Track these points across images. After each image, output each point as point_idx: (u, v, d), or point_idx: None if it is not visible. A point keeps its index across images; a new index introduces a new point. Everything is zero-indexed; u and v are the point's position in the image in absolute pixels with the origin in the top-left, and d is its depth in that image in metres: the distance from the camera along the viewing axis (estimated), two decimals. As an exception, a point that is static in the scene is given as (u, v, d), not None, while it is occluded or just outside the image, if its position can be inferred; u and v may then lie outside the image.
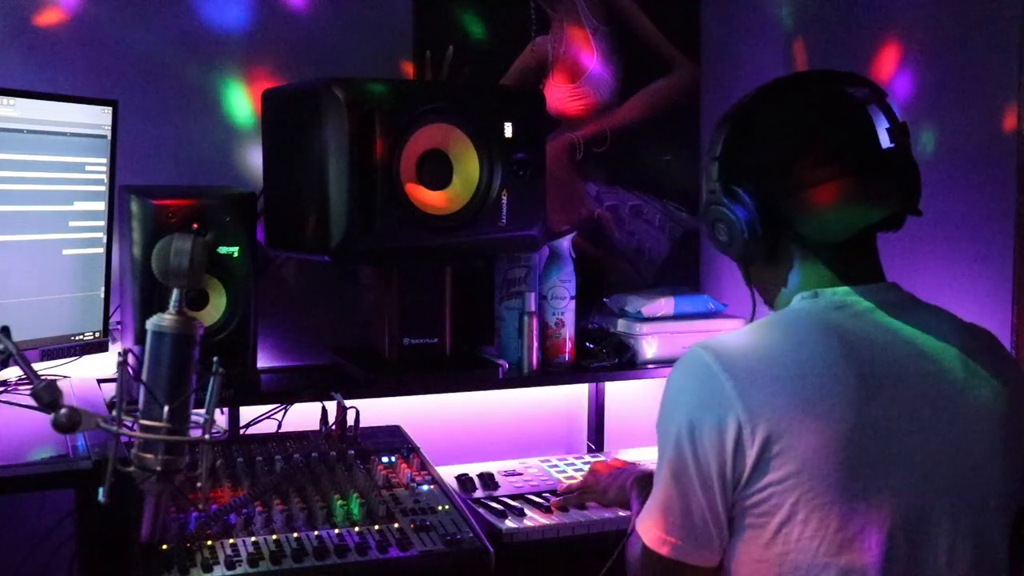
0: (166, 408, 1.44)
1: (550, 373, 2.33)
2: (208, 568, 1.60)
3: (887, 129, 1.35)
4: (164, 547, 1.63)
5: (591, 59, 2.61)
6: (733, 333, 1.36)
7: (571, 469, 2.23)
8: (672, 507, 1.32)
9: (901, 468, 1.26)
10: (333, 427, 2.06)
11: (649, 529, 1.35)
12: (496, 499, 2.04)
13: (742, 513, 1.29)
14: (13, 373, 1.80)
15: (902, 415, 1.27)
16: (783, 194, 1.33)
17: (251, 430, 2.08)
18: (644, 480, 1.68)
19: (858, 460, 1.24)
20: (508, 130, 2.07)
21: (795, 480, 1.24)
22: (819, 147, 1.33)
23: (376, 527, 1.76)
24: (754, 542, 1.28)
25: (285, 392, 2.12)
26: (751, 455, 1.25)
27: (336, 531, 1.73)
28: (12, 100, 1.81)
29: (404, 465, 2.02)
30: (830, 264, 1.36)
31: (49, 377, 1.37)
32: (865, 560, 1.24)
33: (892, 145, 1.35)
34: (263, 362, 2.16)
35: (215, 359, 1.48)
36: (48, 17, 2.18)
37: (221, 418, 2.06)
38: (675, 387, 1.35)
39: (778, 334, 1.32)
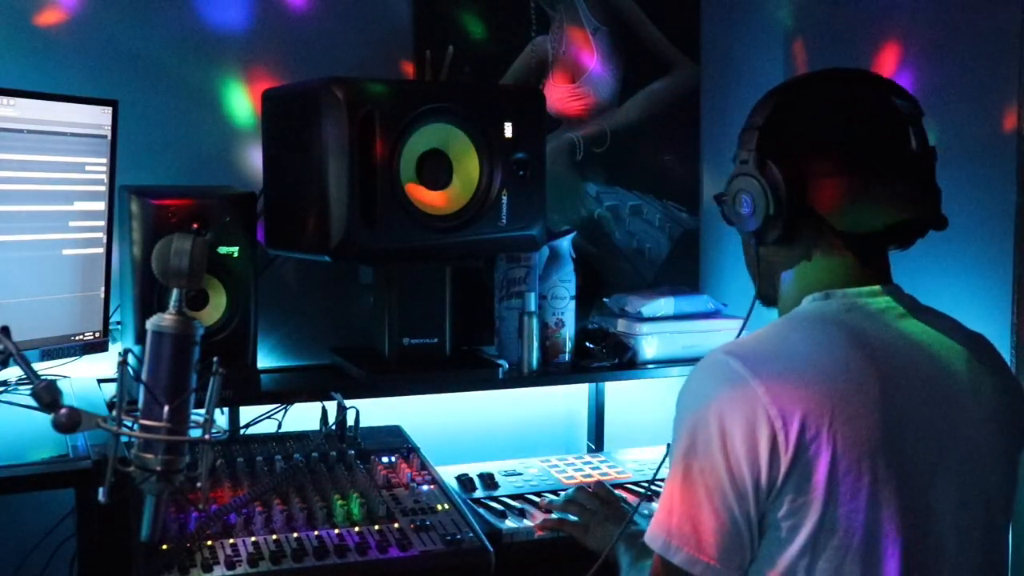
0: (166, 408, 1.44)
1: (550, 373, 2.32)
2: (208, 568, 1.60)
3: (918, 151, 1.34)
4: (164, 547, 1.63)
5: (591, 59, 2.61)
6: (749, 337, 1.31)
7: (571, 469, 2.23)
8: (704, 524, 1.24)
9: (915, 469, 1.25)
10: (333, 427, 2.06)
11: (677, 551, 1.25)
12: (496, 499, 2.04)
13: (773, 524, 1.24)
14: (13, 373, 1.80)
15: (917, 417, 1.26)
16: (814, 177, 1.31)
17: (251, 430, 2.08)
18: (632, 536, 1.59)
19: (884, 463, 1.22)
20: (508, 130, 2.07)
21: (826, 487, 1.20)
22: (860, 141, 1.31)
23: (376, 527, 1.76)
24: (781, 555, 1.24)
25: (285, 392, 2.12)
26: (785, 461, 1.20)
27: (336, 531, 1.73)
28: (12, 100, 1.81)
29: (404, 465, 2.02)
30: (844, 260, 1.34)
31: (49, 377, 1.37)
32: (888, 568, 1.23)
33: (920, 167, 1.35)
34: (263, 362, 2.16)
35: (215, 359, 1.48)
36: (48, 17, 2.18)
37: (221, 418, 2.06)
38: (698, 394, 1.28)
39: (798, 336, 1.29)
